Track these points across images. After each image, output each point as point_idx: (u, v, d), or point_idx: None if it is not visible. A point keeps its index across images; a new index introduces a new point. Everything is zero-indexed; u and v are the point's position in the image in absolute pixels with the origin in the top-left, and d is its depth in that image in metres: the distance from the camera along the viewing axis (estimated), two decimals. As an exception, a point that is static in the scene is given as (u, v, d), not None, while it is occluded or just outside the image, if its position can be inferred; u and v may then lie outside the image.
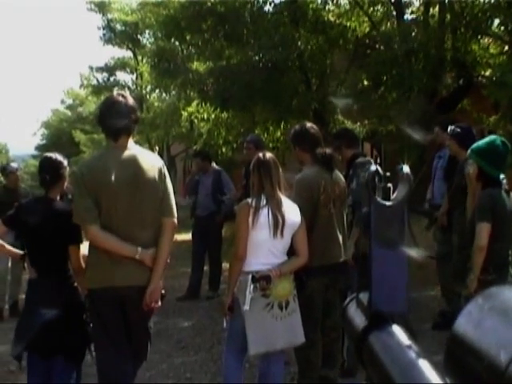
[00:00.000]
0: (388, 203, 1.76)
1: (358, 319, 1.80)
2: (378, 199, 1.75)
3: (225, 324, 5.26)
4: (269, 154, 5.35)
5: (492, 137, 5.57)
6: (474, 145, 5.39)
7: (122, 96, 4.76)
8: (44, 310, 4.77)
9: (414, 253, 1.80)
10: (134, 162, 4.61)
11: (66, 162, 5.19)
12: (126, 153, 4.63)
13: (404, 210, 1.76)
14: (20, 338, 4.93)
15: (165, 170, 4.78)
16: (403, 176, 1.82)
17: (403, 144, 12.92)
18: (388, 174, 1.83)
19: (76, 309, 4.92)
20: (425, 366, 1.37)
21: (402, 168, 1.85)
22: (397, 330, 1.61)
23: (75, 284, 4.99)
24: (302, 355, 5.69)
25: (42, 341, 4.79)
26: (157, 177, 4.65)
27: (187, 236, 12.97)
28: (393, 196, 1.79)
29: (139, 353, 4.83)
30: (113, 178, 4.48)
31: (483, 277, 5.22)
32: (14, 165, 11.05)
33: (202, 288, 11.27)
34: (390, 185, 1.79)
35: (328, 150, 5.86)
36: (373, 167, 1.85)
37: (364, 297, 1.81)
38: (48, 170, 5.10)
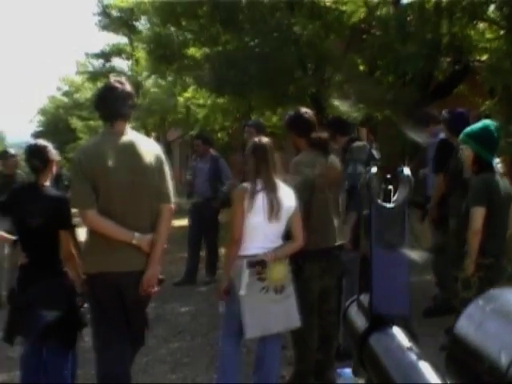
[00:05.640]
0: (389, 205, 1.77)
1: (359, 321, 1.80)
2: (379, 201, 1.76)
3: (221, 308, 5.29)
4: (265, 139, 5.36)
5: (485, 121, 5.58)
6: (468, 129, 5.40)
7: (119, 82, 4.80)
8: (38, 303, 4.82)
9: (415, 255, 1.81)
10: (131, 147, 4.63)
11: (50, 146, 5.24)
12: (123, 138, 4.65)
13: (405, 211, 1.77)
14: (13, 324, 4.99)
15: (162, 156, 4.80)
16: (403, 178, 1.83)
17: (398, 130, 12.90)
18: (389, 175, 1.84)
19: (67, 294, 4.95)
20: (426, 367, 1.39)
21: (402, 170, 1.86)
22: (397, 332, 1.62)
23: (65, 269, 5.02)
24: (298, 339, 5.71)
25: (35, 326, 4.82)
26: (154, 162, 4.66)
27: (184, 221, 12.98)
28: (393, 198, 1.80)
29: (137, 338, 4.86)
30: (110, 163, 4.51)
31: (480, 260, 5.25)
32: (12, 150, 11.09)
33: (199, 273, 11.33)
34: (390, 186, 1.80)
35: (324, 135, 5.87)
36: (373, 169, 1.85)
37: (365, 299, 1.82)
38: (37, 156, 5.14)
